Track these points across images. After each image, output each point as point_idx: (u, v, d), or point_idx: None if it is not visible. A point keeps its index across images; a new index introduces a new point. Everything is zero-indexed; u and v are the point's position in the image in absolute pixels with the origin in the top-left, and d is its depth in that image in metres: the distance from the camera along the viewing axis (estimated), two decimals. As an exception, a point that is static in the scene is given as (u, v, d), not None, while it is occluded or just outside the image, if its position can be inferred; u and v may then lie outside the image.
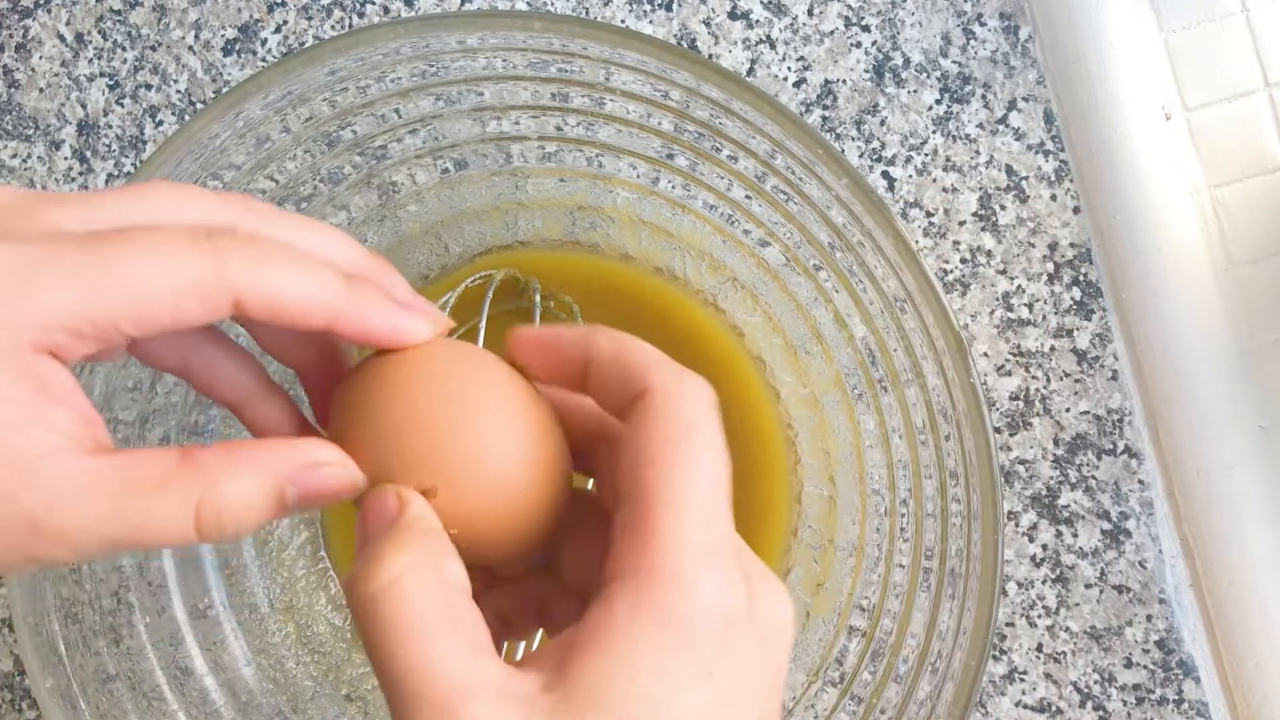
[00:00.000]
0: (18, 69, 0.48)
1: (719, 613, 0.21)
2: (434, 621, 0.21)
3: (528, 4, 0.46)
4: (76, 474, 0.21)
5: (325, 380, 0.27)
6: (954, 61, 0.44)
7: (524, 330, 0.26)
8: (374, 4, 0.46)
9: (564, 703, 0.20)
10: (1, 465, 0.20)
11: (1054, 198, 0.44)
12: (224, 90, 0.47)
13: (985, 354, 0.44)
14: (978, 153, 0.44)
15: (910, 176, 0.44)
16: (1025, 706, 0.43)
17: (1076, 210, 0.44)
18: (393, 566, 0.21)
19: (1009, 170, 0.44)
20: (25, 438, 0.21)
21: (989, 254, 0.44)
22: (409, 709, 0.20)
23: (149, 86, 0.47)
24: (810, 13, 0.45)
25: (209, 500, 0.21)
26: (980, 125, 0.44)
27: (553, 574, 0.27)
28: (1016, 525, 0.43)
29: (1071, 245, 0.44)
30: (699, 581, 0.21)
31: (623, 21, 0.45)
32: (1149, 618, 0.43)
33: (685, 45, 0.45)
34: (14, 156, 0.48)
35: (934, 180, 0.44)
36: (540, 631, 0.29)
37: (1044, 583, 0.43)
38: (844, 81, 0.45)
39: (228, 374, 0.27)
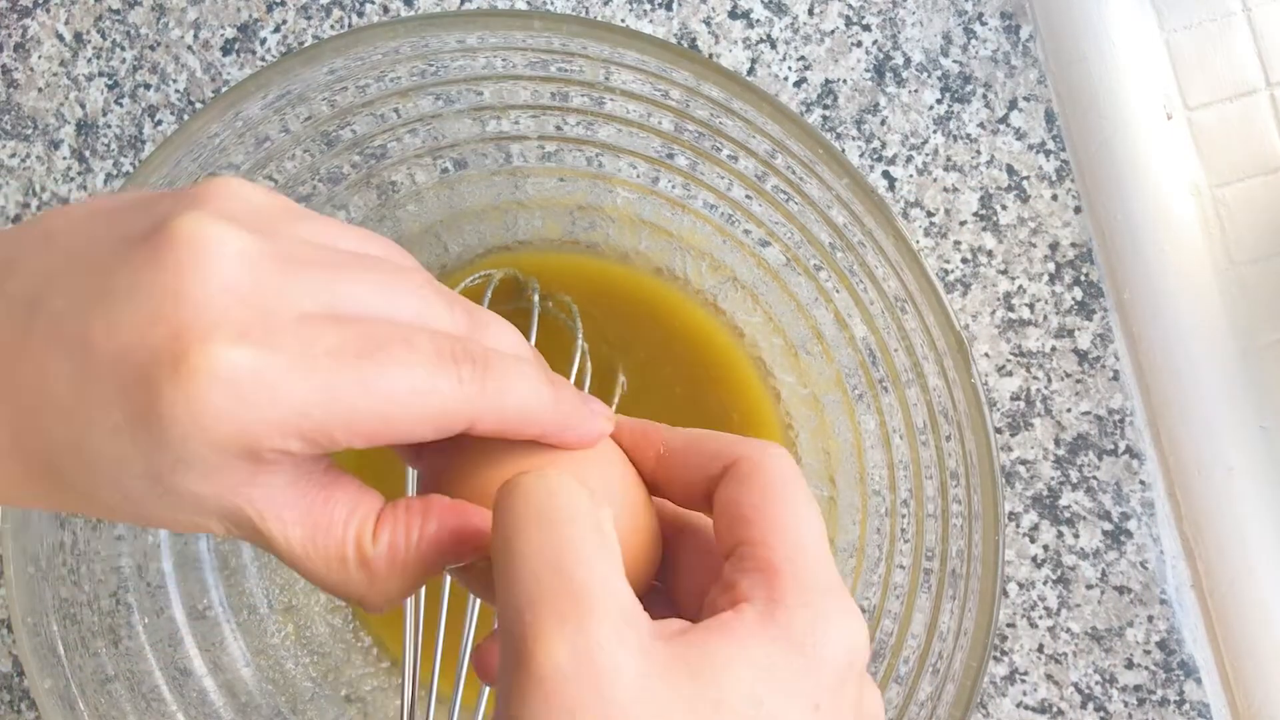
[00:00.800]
0: (16, 68, 0.48)
1: (843, 651, 0.22)
2: (583, 522, 0.21)
3: (527, 3, 0.46)
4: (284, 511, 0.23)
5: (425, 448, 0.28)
6: (955, 61, 0.44)
7: (623, 420, 0.27)
8: (373, 3, 0.46)
9: (680, 659, 0.20)
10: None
11: (1055, 197, 0.44)
12: (223, 90, 0.47)
13: (986, 354, 0.44)
14: (979, 152, 0.44)
15: (911, 176, 0.44)
16: (1026, 707, 0.43)
17: (1078, 210, 0.44)
18: (553, 474, 0.22)
19: (1010, 170, 0.44)
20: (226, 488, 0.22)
21: (990, 254, 0.44)
22: (535, 600, 0.20)
23: (148, 86, 0.47)
24: (811, 12, 0.45)
25: (368, 597, 0.24)
26: (981, 125, 0.44)
27: None
28: (1017, 526, 0.43)
29: (1073, 245, 0.44)
30: (830, 615, 0.22)
31: (623, 21, 0.45)
32: (1150, 618, 0.43)
33: (685, 45, 0.45)
34: (13, 156, 0.48)
35: (935, 180, 0.44)
36: None
37: (1045, 583, 0.43)
38: (844, 81, 0.45)
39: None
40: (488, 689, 0.39)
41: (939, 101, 0.44)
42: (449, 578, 0.39)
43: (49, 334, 0.21)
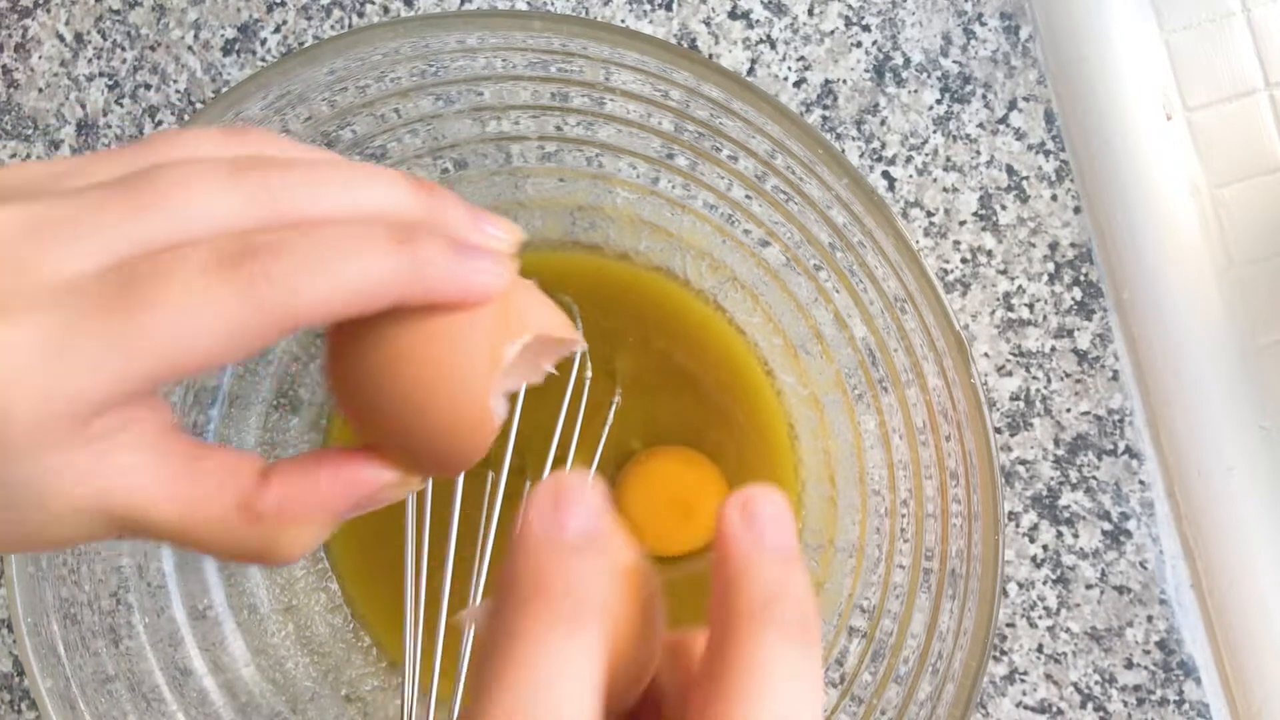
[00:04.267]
0: (17, 69, 0.48)
1: None
2: None
3: (527, 3, 0.46)
4: (147, 479, 0.21)
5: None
6: (954, 61, 0.44)
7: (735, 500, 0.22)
8: (373, 4, 0.46)
9: None
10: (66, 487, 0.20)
11: (1054, 197, 0.44)
12: (223, 90, 0.47)
13: (986, 354, 0.44)
14: (978, 152, 0.44)
15: (910, 176, 0.44)
16: (1026, 707, 0.43)
17: (1077, 210, 0.44)
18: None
19: (1009, 170, 0.44)
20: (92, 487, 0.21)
21: (989, 254, 0.44)
22: None
23: (148, 86, 0.47)
24: (810, 12, 0.45)
25: (270, 551, 0.22)
26: (981, 125, 0.44)
27: None
28: (1017, 526, 0.43)
29: (1072, 245, 0.44)
30: None
31: (623, 21, 0.45)
32: (1150, 618, 0.43)
33: (685, 45, 0.45)
34: (13, 156, 0.48)
35: (934, 180, 0.44)
36: None
37: (1044, 583, 0.43)
38: (844, 81, 0.45)
39: None
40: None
41: (939, 102, 0.44)
42: (448, 578, 0.39)
43: None
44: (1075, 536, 0.43)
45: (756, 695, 0.18)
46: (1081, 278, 0.44)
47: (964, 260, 0.44)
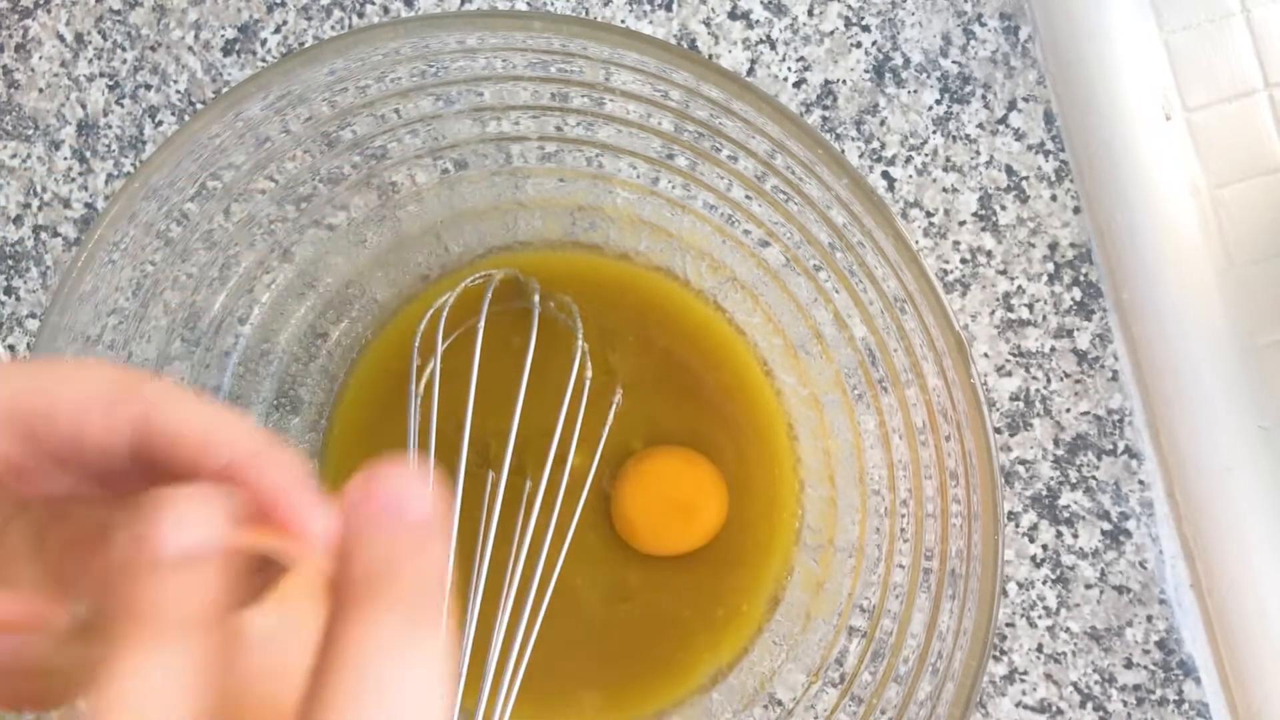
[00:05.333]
0: (17, 69, 0.48)
1: None
2: None
3: (528, 4, 0.46)
4: None
5: None
6: (954, 61, 0.44)
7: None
8: (374, 4, 0.46)
9: None
10: None
11: (1054, 198, 0.44)
12: (223, 90, 0.47)
13: (985, 354, 0.44)
14: (978, 153, 0.44)
15: (910, 176, 0.44)
16: (1025, 707, 0.43)
17: (1077, 210, 0.44)
18: None
19: (1009, 170, 0.44)
20: None
21: (989, 254, 0.44)
22: None
23: (148, 86, 0.47)
24: (810, 13, 0.45)
25: None
26: (980, 125, 0.44)
27: None
28: (1017, 526, 0.43)
29: (1072, 245, 0.44)
30: None
31: (623, 21, 0.45)
32: (1149, 618, 0.43)
33: (685, 45, 0.45)
34: (14, 157, 0.48)
35: (934, 180, 0.44)
36: None
37: (1044, 583, 0.43)
38: (844, 82, 0.45)
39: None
40: (487, 692, 0.39)
41: (938, 102, 0.44)
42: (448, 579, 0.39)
43: None
44: (1075, 536, 0.43)
45: (353, 681, 0.17)
46: (1081, 278, 0.44)
47: (964, 260, 0.44)
